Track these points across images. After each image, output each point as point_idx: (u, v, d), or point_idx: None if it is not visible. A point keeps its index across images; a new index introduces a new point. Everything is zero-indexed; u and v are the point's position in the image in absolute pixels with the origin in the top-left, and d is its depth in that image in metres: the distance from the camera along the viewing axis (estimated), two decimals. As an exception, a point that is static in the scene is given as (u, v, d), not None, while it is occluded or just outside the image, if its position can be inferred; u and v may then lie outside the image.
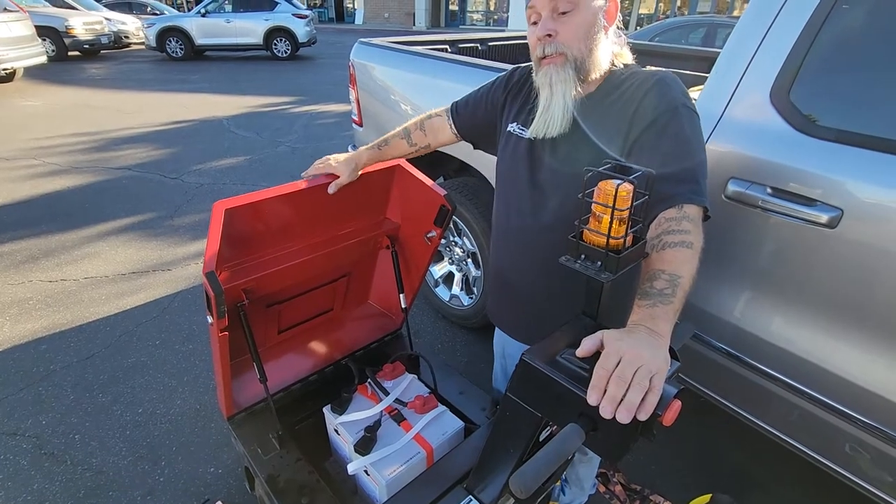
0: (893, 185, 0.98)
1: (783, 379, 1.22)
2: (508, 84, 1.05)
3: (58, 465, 1.64)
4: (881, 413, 1.08)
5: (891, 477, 1.12)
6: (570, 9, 0.82)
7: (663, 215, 0.78)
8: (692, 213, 0.77)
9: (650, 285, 0.70)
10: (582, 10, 0.82)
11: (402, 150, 1.20)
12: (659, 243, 0.74)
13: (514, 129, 0.99)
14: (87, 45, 10.33)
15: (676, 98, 0.83)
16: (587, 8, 0.82)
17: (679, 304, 0.68)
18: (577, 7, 0.82)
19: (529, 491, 0.56)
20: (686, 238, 0.73)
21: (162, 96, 7.26)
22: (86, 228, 3.26)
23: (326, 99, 7.25)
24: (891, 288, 1.01)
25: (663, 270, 0.70)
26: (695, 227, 0.76)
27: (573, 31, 0.83)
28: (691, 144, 0.81)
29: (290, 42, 11.10)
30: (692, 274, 0.71)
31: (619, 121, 0.85)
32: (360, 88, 2.45)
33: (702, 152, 0.83)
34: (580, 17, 0.83)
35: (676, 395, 0.58)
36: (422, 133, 1.19)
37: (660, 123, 0.81)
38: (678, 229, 0.74)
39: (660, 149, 0.81)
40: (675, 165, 0.79)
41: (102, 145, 4.97)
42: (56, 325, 2.31)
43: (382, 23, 22.38)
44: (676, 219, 0.76)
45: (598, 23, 0.84)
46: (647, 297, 0.68)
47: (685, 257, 0.72)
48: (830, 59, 1.08)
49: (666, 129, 0.81)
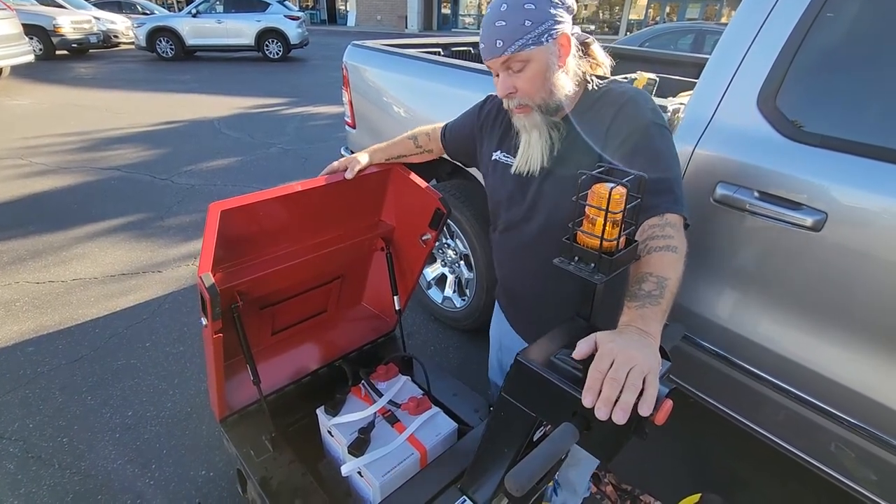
0: (876, 189, 1.00)
1: (770, 379, 1.24)
2: (480, 115, 1.11)
3: (45, 469, 1.62)
4: (865, 412, 1.10)
5: (875, 475, 1.15)
6: (522, 67, 0.86)
7: (647, 223, 0.81)
8: (674, 221, 0.80)
9: (638, 287, 0.72)
10: (533, 64, 0.85)
11: (408, 149, 1.27)
12: (645, 248, 0.77)
13: (499, 157, 1.04)
14: (76, 44, 10.22)
15: (646, 116, 0.86)
16: (538, 60, 0.85)
17: (667, 305, 0.70)
18: (528, 63, 0.85)
19: (524, 490, 0.57)
20: (670, 243, 0.76)
21: (152, 96, 7.19)
22: (74, 229, 3.22)
23: (319, 101, 7.24)
24: (873, 290, 1.04)
25: (651, 273, 0.72)
26: (677, 233, 0.79)
27: (530, 84, 0.87)
28: (665, 159, 0.85)
29: (281, 43, 11.06)
30: (678, 276, 0.73)
31: (595, 139, 0.89)
32: (353, 90, 2.46)
33: (676, 166, 0.86)
34: (533, 71, 0.86)
35: (668, 394, 0.60)
36: (427, 138, 1.26)
37: (631, 142, 0.85)
38: (662, 234, 0.78)
39: (634, 166, 0.82)
40: (652, 174, 0.81)
41: (91, 145, 4.91)
42: (43, 327, 2.28)
43: (375, 25, 22.38)
44: (660, 225, 0.79)
45: (553, 66, 0.86)
46: (636, 299, 0.70)
47: (671, 261, 0.74)
48: (816, 66, 1.11)
49: (638, 147, 0.84)
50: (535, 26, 0.83)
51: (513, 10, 0.82)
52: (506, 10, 0.83)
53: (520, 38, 0.83)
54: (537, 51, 0.84)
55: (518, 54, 0.84)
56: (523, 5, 0.82)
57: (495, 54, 0.85)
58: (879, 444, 1.09)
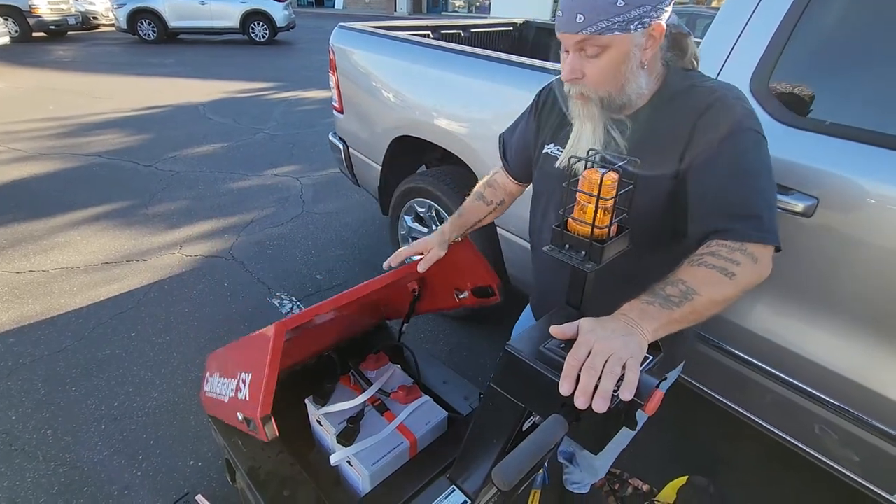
0: (867, 174, 1.00)
1: (757, 364, 1.25)
2: (536, 109, 1.00)
3: (29, 462, 1.59)
4: (851, 396, 1.11)
5: (856, 456, 1.17)
6: (598, 53, 0.73)
7: (718, 241, 0.71)
8: (754, 251, 0.70)
9: (662, 287, 0.67)
10: (612, 51, 0.73)
11: (482, 211, 1.12)
12: (697, 259, 0.70)
13: (551, 149, 0.93)
14: (53, 25, 9.88)
15: (738, 121, 0.74)
16: (618, 49, 0.72)
17: (681, 317, 0.64)
18: (606, 49, 0.72)
19: (512, 483, 0.56)
20: (730, 267, 0.68)
21: (134, 80, 7.01)
22: (55, 217, 3.14)
23: (306, 85, 7.11)
24: (862, 275, 1.04)
25: (684, 281, 0.66)
26: (750, 262, 0.69)
27: (599, 74, 0.75)
28: (755, 175, 0.74)
29: (268, 26, 10.81)
30: (715, 299, 0.66)
31: (671, 142, 0.78)
32: (341, 74, 2.40)
33: (769, 183, 0.75)
34: (609, 60, 0.73)
35: (657, 385, 0.59)
36: (492, 190, 1.12)
37: (716, 150, 0.74)
38: (727, 256, 0.69)
39: (716, 180, 0.74)
40: (733, 197, 0.73)
41: (71, 131, 4.78)
42: (25, 318, 2.23)
43: (363, 8, 21.96)
44: (730, 248, 0.70)
45: (633, 59, 0.74)
46: (651, 295, 0.66)
47: (716, 280, 0.67)
48: (809, 50, 1.10)
49: (723, 157, 0.73)
50: (628, 8, 0.69)
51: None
52: None
53: (606, 17, 0.69)
54: (621, 38, 0.71)
55: (598, 37, 0.71)
56: None
57: (571, 30, 0.71)
58: (862, 425, 1.11)
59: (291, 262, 2.78)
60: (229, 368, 1.01)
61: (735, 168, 0.73)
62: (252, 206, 3.42)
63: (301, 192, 3.69)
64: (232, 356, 1.04)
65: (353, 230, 3.18)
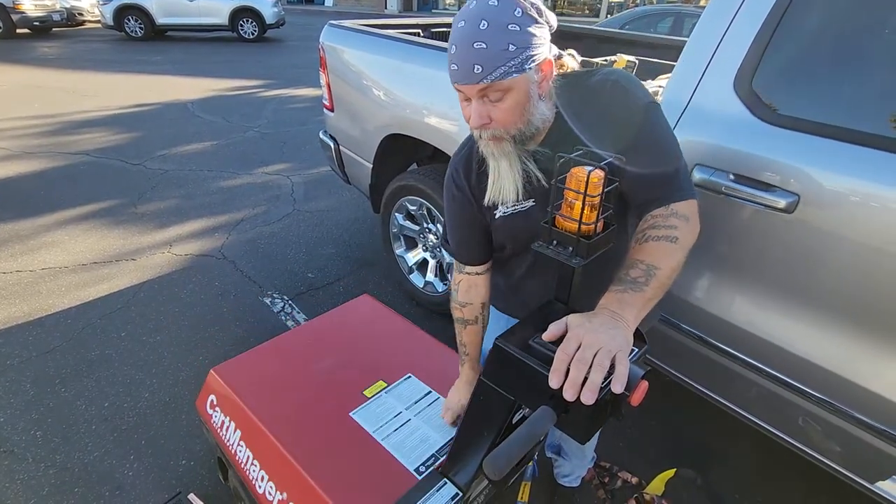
0: (846, 171, 1.03)
1: (742, 357, 1.27)
2: (469, 188, 0.95)
3: (18, 464, 1.58)
4: (833, 388, 1.14)
5: (838, 447, 1.20)
6: (501, 97, 0.75)
7: (651, 213, 0.79)
8: (682, 210, 0.78)
9: (626, 273, 0.71)
10: (514, 93, 0.75)
11: (477, 331, 1.11)
12: (643, 237, 0.76)
13: (503, 211, 0.92)
14: (38, 22, 9.72)
15: (637, 100, 0.81)
16: (519, 89, 0.75)
17: (652, 294, 0.69)
18: (508, 92, 0.75)
19: (502, 473, 0.57)
20: (671, 233, 0.74)
21: (121, 78, 6.92)
22: (42, 217, 3.10)
23: (296, 83, 7.06)
24: (841, 270, 1.07)
25: (642, 260, 0.71)
26: (684, 222, 0.76)
27: (507, 115, 0.77)
28: (666, 148, 0.82)
29: (257, 23, 10.70)
30: (673, 266, 0.72)
31: (590, 142, 0.81)
32: (331, 72, 2.40)
33: (676, 146, 0.83)
34: (513, 101, 0.76)
35: (643, 376, 0.61)
36: (471, 306, 1.07)
37: (630, 138, 0.79)
38: (664, 224, 0.76)
39: (638, 153, 0.78)
40: (656, 167, 0.80)
41: (57, 129, 4.72)
42: (12, 318, 2.20)
43: (353, 5, 21.83)
44: (664, 215, 0.77)
45: (533, 95, 0.77)
46: (620, 284, 0.70)
47: (667, 250, 0.73)
48: (790, 50, 1.12)
49: (639, 143, 0.79)
50: (518, 51, 0.72)
51: (495, 30, 0.71)
52: (486, 30, 0.71)
53: (502, 64, 0.72)
54: (519, 78, 0.74)
55: (500, 82, 0.73)
56: (507, 26, 0.71)
57: (472, 80, 0.73)
58: (843, 416, 1.14)
59: (283, 261, 2.78)
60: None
61: (648, 145, 0.80)
62: (243, 205, 3.41)
63: (292, 191, 3.68)
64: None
65: (345, 228, 3.18)
